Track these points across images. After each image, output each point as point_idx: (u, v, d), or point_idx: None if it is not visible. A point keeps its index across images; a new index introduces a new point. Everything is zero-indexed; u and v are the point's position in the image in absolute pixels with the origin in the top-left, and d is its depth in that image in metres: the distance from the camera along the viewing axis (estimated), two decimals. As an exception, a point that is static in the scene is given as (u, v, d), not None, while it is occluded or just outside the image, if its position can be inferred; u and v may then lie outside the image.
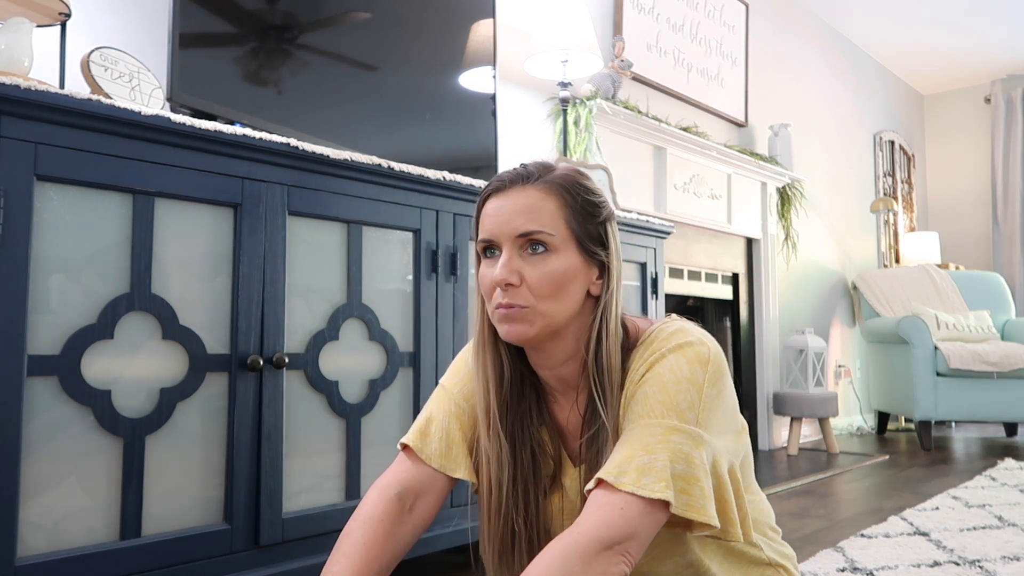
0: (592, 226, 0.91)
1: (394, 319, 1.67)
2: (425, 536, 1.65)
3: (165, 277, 1.32)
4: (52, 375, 1.18)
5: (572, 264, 0.88)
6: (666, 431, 0.82)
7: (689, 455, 0.82)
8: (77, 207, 1.21)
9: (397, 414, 1.66)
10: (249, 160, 1.41)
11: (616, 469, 0.81)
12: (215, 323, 1.38)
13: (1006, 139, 5.64)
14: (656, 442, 0.82)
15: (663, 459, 0.81)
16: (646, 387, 0.86)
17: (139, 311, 1.28)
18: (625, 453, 0.82)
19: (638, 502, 0.79)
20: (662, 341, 0.89)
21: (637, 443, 0.82)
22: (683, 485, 0.81)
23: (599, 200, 0.92)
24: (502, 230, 0.88)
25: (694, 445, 0.82)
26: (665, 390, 0.84)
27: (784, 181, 4.07)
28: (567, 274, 0.87)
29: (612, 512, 0.79)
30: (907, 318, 3.96)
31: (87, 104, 1.19)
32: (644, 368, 0.88)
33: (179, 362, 1.33)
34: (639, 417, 0.85)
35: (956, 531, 2.14)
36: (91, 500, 1.21)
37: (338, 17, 1.90)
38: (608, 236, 0.92)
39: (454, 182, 1.75)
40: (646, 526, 0.80)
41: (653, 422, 0.83)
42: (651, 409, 0.84)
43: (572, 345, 0.92)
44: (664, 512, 0.81)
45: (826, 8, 4.73)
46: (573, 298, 0.89)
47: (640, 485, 0.79)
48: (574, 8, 2.51)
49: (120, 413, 1.25)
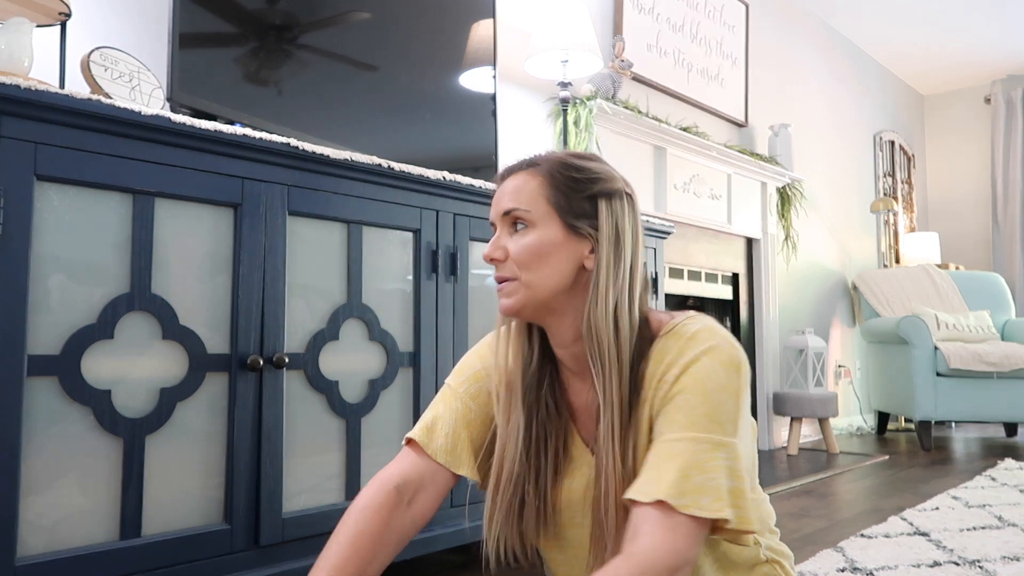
0: (577, 200, 0.91)
1: (394, 319, 1.66)
2: (425, 536, 1.65)
3: (165, 277, 1.32)
4: (52, 375, 1.18)
5: (551, 237, 0.90)
6: (714, 447, 0.83)
7: (734, 468, 0.83)
8: (77, 207, 1.21)
9: (397, 414, 1.66)
10: (249, 160, 1.41)
11: (675, 490, 0.81)
12: (215, 323, 1.38)
13: (1006, 139, 5.64)
14: (708, 460, 0.82)
15: (718, 477, 0.82)
16: (688, 396, 0.86)
17: (139, 311, 1.28)
18: (679, 471, 0.82)
19: (697, 523, 0.80)
20: (689, 340, 0.89)
21: (691, 460, 0.82)
22: (734, 500, 0.82)
23: (585, 176, 0.92)
24: (494, 212, 0.95)
25: (736, 457, 0.84)
26: (708, 401, 0.85)
27: (784, 181, 4.07)
28: (544, 247, 0.90)
29: (677, 538, 0.79)
30: (907, 318, 3.96)
31: (87, 104, 1.19)
32: (677, 370, 0.87)
33: (179, 362, 1.33)
34: (684, 429, 0.84)
35: (956, 531, 2.14)
36: (91, 500, 1.21)
37: (338, 17, 1.90)
38: (600, 210, 0.92)
39: (454, 182, 1.75)
40: (701, 544, 0.82)
41: (701, 436, 0.84)
42: (696, 422, 0.84)
43: (576, 322, 0.93)
44: (710, 525, 0.83)
45: (826, 8, 4.73)
46: (556, 269, 0.90)
47: (701, 506, 0.80)
48: (574, 8, 2.51)
49: (120, 413, 1.25)
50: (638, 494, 0.82)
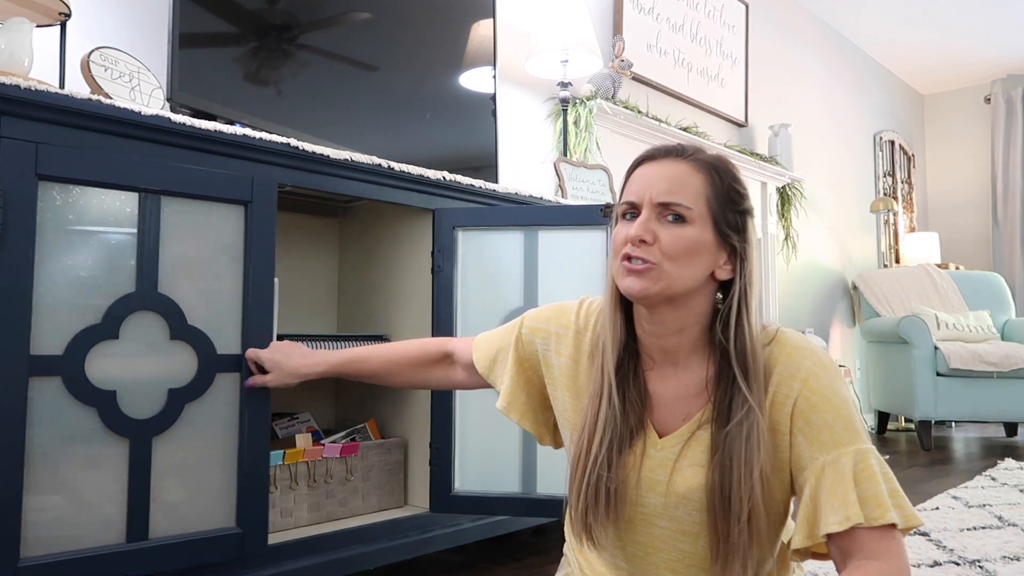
0: (731, 213, 0.94)
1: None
2: (425, 536, 1.65)
3: (171, 276, 1.30)
4: (56, 375, 1.17)
5: (704, 239, 0.92)
6: (866, 454, 0.87)
7: (885, 471, 0.88)
8: (79, 206, 1.21)
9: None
10: (249, 160, 1.41)
11: (879, 511, 0.84)
12: (225, 322, 1.36)
13: (1006, 139, 5.64)
14: (875, 471, 0.86)
15: (891, 482, 0.87)
16: (822, 414, 0.89)
17: (145, 311, 1.27)
18: (875, 488, 0.85)
19: (900, 532, 0.85)
20: (795, 348, 0.93)
21: (863, 475, 0.86)
22: (896, 501, 0.86)
23: (744, 192, 0.96)
24: (646, 193, 0.93)
25: (880, 459, 0.89)
26: (840, 415, 0.89)
27: (784, 181, 4.07)
28: (697, 245, 0.91)
29: (903, 553, 0.84)
30: (907, 318, 3.96)
31: (87, 104, 1.19)
32: (798, 384, 0.90)
33: (188, 362, 1.32)
34: (834, 447, 0.88)
35: (956, 531, 2.14)
36: (96, 501, 1.21)
37: (338, 17, 1.90)
38: (747, 227, 0.95)
39: (454, 182, 1.75)
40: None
41: (854, 449, 0.87)
42: (841, 438, 0.88)
43: (685, 319, 0.95)
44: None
45: (826, 8, 4.73)
46: (697, 270, 0.92)
47: (906, 516, 0.85)
48: (574, 8, 2.51)
49: (126, 414, 1.24)
50: (834, 526, 0.84)
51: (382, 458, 1.77)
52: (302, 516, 1.62)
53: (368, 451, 1.75)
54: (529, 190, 2.00)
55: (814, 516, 0.86)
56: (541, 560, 1.88)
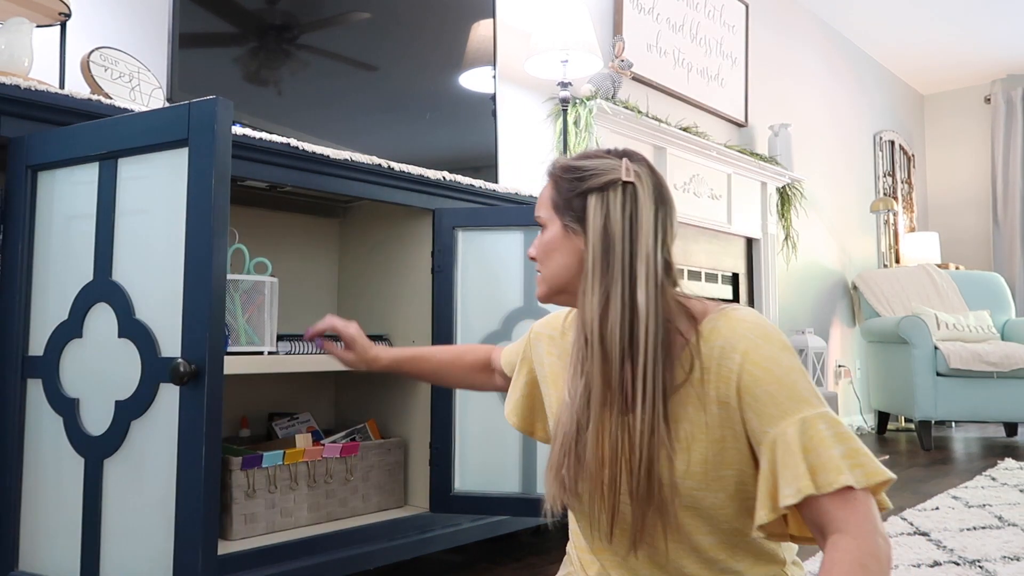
0: (571, 199, 0.98)
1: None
2: (425, 536, 1.65)
3: (125, 259, 1.09)
4: (38, 377, 1.12)
5: (553, 236, 0.99)
6: (812, 420, 0.85)
7: (838, 432, 0.85)
8: (70, 195, 1.20)
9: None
10: (249, 160, 1.41)
11: (830, 476, 0.82)
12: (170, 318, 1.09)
13: (1006, 139, 5.64)
14: (823, 436, 0.84)
15: (847, 442, 0.84)
16: (765, 386, 0.87)
17: (101, 302, 1.11)
18: (825, 454, 0.83)
19: (864, 493, 0.82)
20: (738, 322, 0.91)
21: (812, 443, 0.84)
22: (852, 462, 0.84)
23: (576, 175, 0.97)
24: None
25: (835, 421, 0.86)
26: (784, 384, 0.87)
27: (784, 181, 4.07)
28: (548, 244, 1.00)
29: (869, 515, 0.82)
30: (907, 318, 3.96)
31: (87, 104, 1.19)
32: (739, 356, 0.89)
33: (131, 368, 1.08)
34: (780, 419, 0.86)
35: (956, 531, 2.14)
36: (62, 524, 1.11)
37: (338, 17, 1.90)
38: (588, 207, 0.95)
39: (454, 182, 1.75)
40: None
41: (799, 418, 0.85)
42: (786, 407, 0.86)
43: None
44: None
45: (826, 8, 4.73)
46: (560, 264, 0.99)
47: (868, 474, 0.83)
48: (574, 8, 2.51)
49: (83, 429, 1.10)
50: (789, 498, 0.83)
51: (382, 458, 1.77)
52: (302, 516, 1.62)
53: (368, 451, 1.75)
54: (529, 190, 2.00)
55: (774, 489, 0.86)
56: (541, 560, 1.88)
